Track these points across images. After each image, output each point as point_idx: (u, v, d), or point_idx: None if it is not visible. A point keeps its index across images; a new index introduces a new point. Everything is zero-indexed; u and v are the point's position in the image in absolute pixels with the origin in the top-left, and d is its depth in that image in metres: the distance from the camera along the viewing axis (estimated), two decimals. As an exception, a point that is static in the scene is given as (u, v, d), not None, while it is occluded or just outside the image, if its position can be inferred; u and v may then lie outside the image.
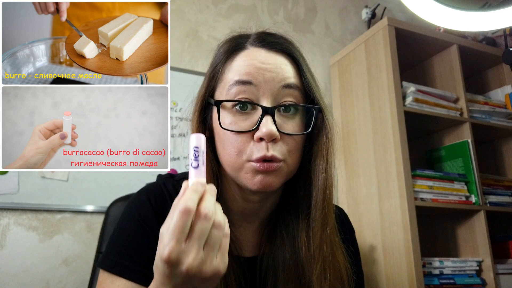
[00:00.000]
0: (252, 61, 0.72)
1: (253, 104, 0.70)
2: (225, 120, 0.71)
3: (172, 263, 0.49)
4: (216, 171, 0.76)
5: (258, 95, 0.70)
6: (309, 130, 0.72)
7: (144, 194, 0.79)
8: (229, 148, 0.71)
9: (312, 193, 0.74)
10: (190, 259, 0.49)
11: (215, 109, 0.73)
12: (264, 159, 0.68)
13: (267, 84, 0.70)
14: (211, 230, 0.51)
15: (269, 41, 0.76)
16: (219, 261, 0.52)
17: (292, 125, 0.72)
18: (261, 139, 0.68)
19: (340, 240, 0.77)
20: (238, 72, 0.72)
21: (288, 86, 0.71)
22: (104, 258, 0.73)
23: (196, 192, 0.51)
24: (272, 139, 0.68)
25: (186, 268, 0.49)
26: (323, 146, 0.74)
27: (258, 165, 0.68)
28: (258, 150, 0.68)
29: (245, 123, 0.70)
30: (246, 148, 0.69)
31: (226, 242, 0.53)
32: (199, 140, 0.55)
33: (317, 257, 0.72)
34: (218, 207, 0.54)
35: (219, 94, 0.75)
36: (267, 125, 0.67)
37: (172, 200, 0.76)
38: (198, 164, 0.54)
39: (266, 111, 0.68)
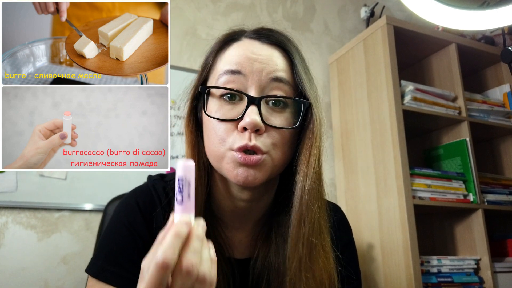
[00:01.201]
0: (243, 51, 0.71)
1: (240, 93, 0.68)
2: (212, 108, 0.70)
3: None
4: (207, 167, 0.74)
5: (246, 86, 0.69)
6: (296, 125, 0.70)
7: (133, 198, 0.76)
8: (212, 137, 0.69)
9: (294, 190, 0.72)
10: None
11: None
12: (246, 149, 0.66)
13: (256, 75, 0.69)
14: (194, 285, 0.47)
15: (264, 34, 0.75)
16: None
17: (280, 119, 0.69)
18: (244, 129, 0.66)
19: (330, 243, 0.73)
20: (229, 62, 0.71)
21: (277, 79, 0.70)
22: (92, 264, 0.72)
23: (179, 238, 0.46)
24: (255, 130, 0.66)
25: None
26: (308, 141, 0.71)
27: (239, 156, 0.66)
28: (240, 139, 0.66)
29: (231, 113, 0.68)
30: (229, 137, 0.67)
31: None
32: (186, 169, 0.48)
33: (291, 257, 0.69)
34: (206, 251, 0.49)
35: (210, 84, 0.74)
36: (251, 115, 0.65)
37: (162, 204, 0.75)
38: (183, 198, 0.48)
39: (252, 101, 0.67)
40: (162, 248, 0.45)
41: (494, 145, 2.36)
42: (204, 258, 0.48)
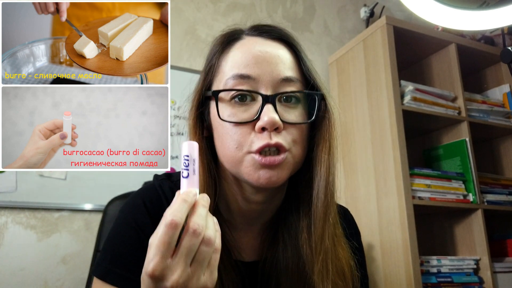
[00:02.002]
0: (249, 51, 0.70)
1: (253, 93, 0.67)
2: (224, 112, 0.68)
3: (157, 279, 0.47)
4: (214, 173, 0.72)
5: (257, 87, 0.67)
6: (313, 118, 0.69)
7: (140, 198, 0.74)
8: (228, 142, 0.67)
9: (314, 182, 0.71)
10: (176, 276, 0.47)
11: (212, 103, 0.70)
12: (267, 148, 0.64)
13: (266, 76, 0.67)
14: (200, 246, 0.49)
15: (265, 29, 0.74)
16: (207, 278, 0.50)
17: (295, 115, 0.68)
18: (263, 129, 0.65)
19: (344, 236, 0.74)
20: (236, 65, 0.69)
21: (287, 79, 0.68)
22: (98, 265, 0.70)
23: (186, 203, 0.49)
24: (274, 128, 0.64)
25: (171, 285, 0.47)
26: (326, 132, 0.70)
27: (260, 158, 0.64)
28: (259, 140, 0.65)
29: (245, 114, 0.67)
30: (246, 140, 0.66)
31: (215, 258, 0.51)
32: (190, 148, 0.53)
33: (318, 249, 0.68)
34: (210, 219, 0.52)
35: (216, 88, 0.71)
36: (269, 113, 0.64)
37: (169, 203, 0.74)
38: (188, 174, 0.52)
39: (267, 100, 0.65)
40: (170, 210, 0.48)
41: (494, 145, 2.36)
42: (209, 224, 0.51)
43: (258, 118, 0.65)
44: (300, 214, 0.74)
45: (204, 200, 0.52)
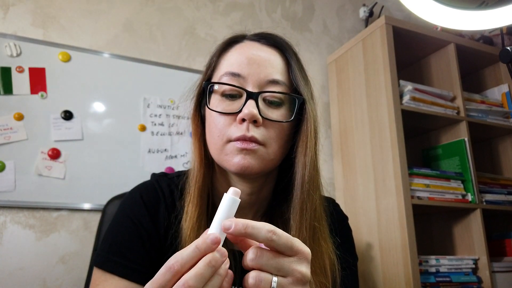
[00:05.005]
0: (244, 53, 0.77)
1: (239, 89, 0.74)
2: (213, 104, 0.76)
3: None
4: (211, 158, 0.79)
5: (245, 85, 0.74)
6: (291, 118, 0.75)
7: (137, 192, 0.81)
8: (213, 130, 0.75)
9: (293, 180, 0.76)
10: None
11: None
12: (244, 139, 0.71)
13: (254, 76, 0.74)
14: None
15: (264, 36, 0.82)
16: None
17: (276, 114, 0.75)
18: (243, 120, 0.71)
19: (328, 230, 0.78)
20: (231, 63, 0.77)
21: (273, 81, 0.75)
22: (97, 255, 0.74)
23: (198, 250, 0.49)
24: (253, 120, 0.71)
25: None
26: (304, 134, 0.76)
27: (237, 143, 0.71)
28: (238, 130, 0.71)
29: (231, 107, 0.74)
30: (228, 129, 0.73)
31: None
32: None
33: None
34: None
35: None
36: (249, 107, 0.71)
37: (165, 198, 0.80)
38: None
39: (251, 96, 0.72)
40: (177, 255, 0.48)
41: (493, 145, 2.37)
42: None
43: (240, 111, 0.72)
44: (286, 206, 0.79)
45: (219, 256, 0.51)
